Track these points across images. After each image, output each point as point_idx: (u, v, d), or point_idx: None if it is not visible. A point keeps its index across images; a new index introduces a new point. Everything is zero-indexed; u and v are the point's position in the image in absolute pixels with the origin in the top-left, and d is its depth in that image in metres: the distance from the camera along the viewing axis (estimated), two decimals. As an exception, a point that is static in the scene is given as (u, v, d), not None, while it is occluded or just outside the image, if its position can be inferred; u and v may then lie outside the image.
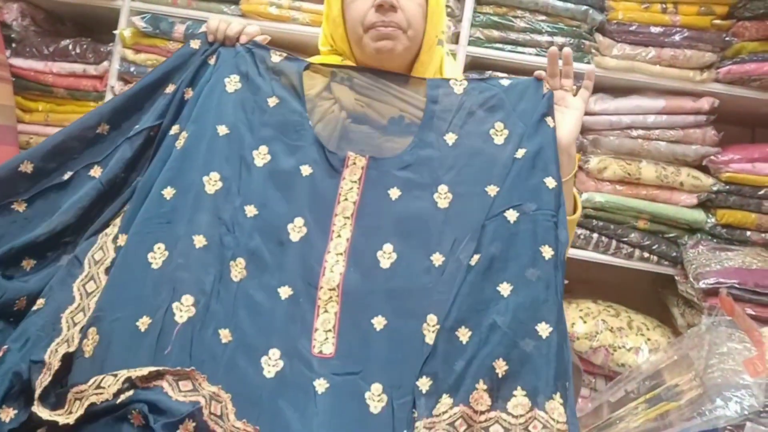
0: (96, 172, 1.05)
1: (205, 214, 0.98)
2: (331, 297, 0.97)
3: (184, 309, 0.90)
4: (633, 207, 1.90)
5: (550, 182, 1.00)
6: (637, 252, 1.94)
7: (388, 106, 1.12)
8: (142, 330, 0.87)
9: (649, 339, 1.78)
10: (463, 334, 0.91)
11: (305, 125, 1.09)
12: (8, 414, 0.83)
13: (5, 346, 0.88)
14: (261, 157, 1.06)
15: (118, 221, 1.02)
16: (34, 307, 0.93)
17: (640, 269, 1.96)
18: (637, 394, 1.44)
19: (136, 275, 0.92)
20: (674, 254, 1.91)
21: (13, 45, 2.13)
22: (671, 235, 1.93)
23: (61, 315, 0.91)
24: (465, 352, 0.89)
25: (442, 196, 1.04)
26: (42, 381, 0.83)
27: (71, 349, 0.86)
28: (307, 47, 1.90)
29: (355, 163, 1.07)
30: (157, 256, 0.93)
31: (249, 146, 1.06)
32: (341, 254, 1.00)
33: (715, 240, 1.90)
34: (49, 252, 0.99)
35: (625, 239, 1.93)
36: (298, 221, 1.02)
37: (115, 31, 2.06)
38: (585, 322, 1.82)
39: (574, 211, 1.14)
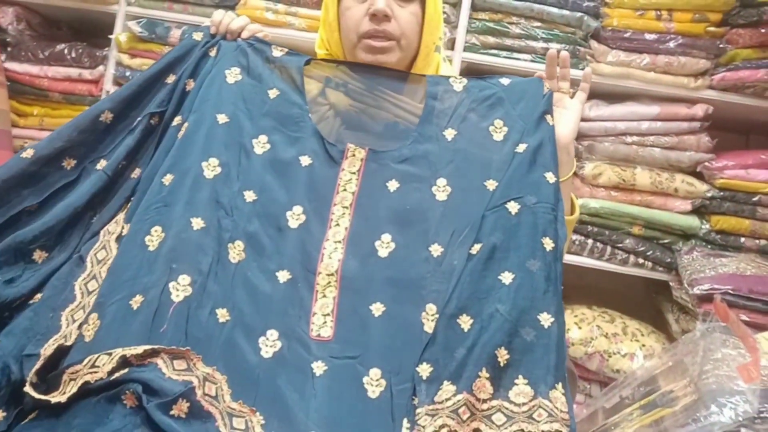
0: (101, 164, 1.05)
1: (204, 198, 0.99)
2: (329, 282, 0.97)
3: (180, 288, 0.90)
4: (628, 213, 1.91)
5: (550, 177, 1.01)
6: (632, 258, 1.94)
7: (383, 111, 1.12)
8: (135, 308, 0.87)
9: (643, 345, 1.78)
10: (465, 322, 0.91)
11: (305, 118, 1.09)
12: None
13: None
14: (260, 145, 1.06)
15: (120, 218, 1.02)
16: (30, 301, 0.93)
17: (635, 275, 1.96)
18: (632, 400, 1.44)
19: (134, 259, 0.92)
20: (669, 260, 1.91)
21: (9, 49, 2.13)
22: (666, 241, 1.93)
23: (62, 313, 0.91)
24: (466, 340, 0.89)
25: (441, 189, 1.04)
26: (35, 367, 0.82)
27: (68, 343, 0.86)
28: (303, 53, 1.90)
29: (354, 155, 1.07)
30: (154, 238, 0.94)
31: (249, 134, 1.07)
32: (339, 242, 1.00)
33: (709, 246, 1.91)
34: (58, 244, 0.99)
35: (620, 245, 1.93)
36: (297, 209, 1.02)
37: (110, 36, 2.06)
38: (580, 327, 1.82)
39: (572, 213, 1.14)
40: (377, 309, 0.95)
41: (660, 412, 1.30)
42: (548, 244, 0.95)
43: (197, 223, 0.96)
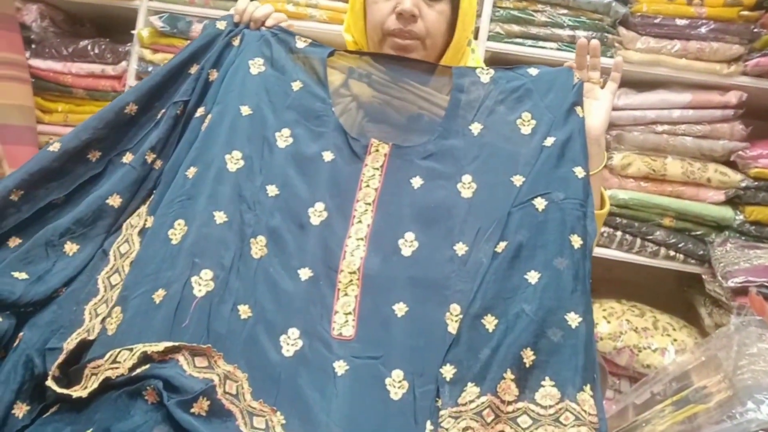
0: (128, 158, 1.05)
1: (227, 191, 0.98)
2: (351, 280, 0.95)
3: (203, 283, 0.89)
4: (658, 204, 1.87)
5: (579, 172, 0.98)
6: (663, 250, 1.90)
7: (407, 103, 1.11)
8: (157, 302, 0.87)
9: (675, 339, 1.74)
10: (489, 322, 0.89)
11: (328, 112, 1.08)
12: (21, 410, 0.83)
13: (21, 333, 0.88)
14: (283, 139, 1.05)
15: (143, 211, 1.02)
16: (55, 294, 0.93)
17: (666, 268, 1.92)
18: (664, 396, 1.41)
19: (157, 252, 0.92)
20: (701, 252, 1.87)
21: (33, 46, 2.15)
22: (698, 232, 1.88)
23: (85, 306, 0.91)
24: (491, 340, 0.87)
25: (466, 186, 1.02)
26: (57, 361, 0.83)
27: (91, 338, 0.86)
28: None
29: (377, 150, 1.06)
30: (177, 231, 0.93)
31: (271, 127, 1.06)
32: (362, 239, 0.99)
33: (743, 237, 1.86)
34: (88, 237, 0.98)
35: (650, 237, 1.89)
36: (319, 206, 1.01)
37: (133, 31, 2.07)
38: (609, 322, 1.79)
39: (602, 207, 1.11)
40: (400, 309, 0.93)
41: (693, 409, 1.28)
42: (576, 241, 0.92)
43: (220, 217, 0.95)
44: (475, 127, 1.06)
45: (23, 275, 0.91)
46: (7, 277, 0.90)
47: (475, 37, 1.93)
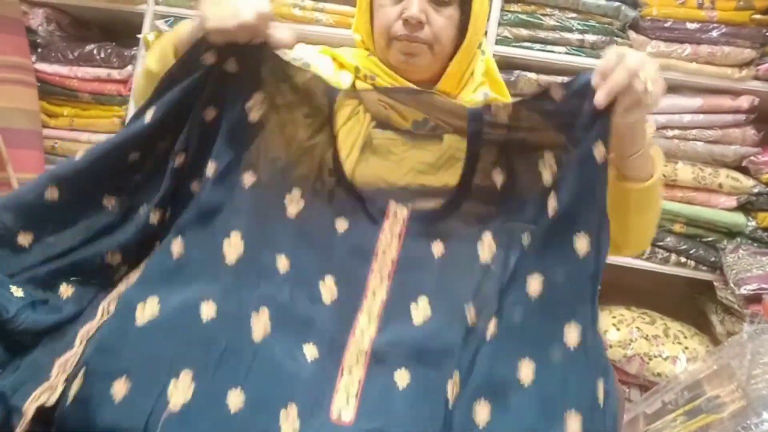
0: (143, 209, 0.98)
1: (223, 277, 0.90)
2: (357, 360, 0.90)
3: (180, 388, 0.81)
4: (669, 210, 1.84)
5: (582, 245, 0.87)
6: (674, 257, 1.88)
7: (411, 108, 1.07)
8: (117, 401, 0.78)
9: (686, 347, 1.72)
10: (482, 407, 0.84)
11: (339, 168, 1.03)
12: None
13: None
14: (294, 203, 0.99)
15: (143, 266, 0.95)
16: (43, 332, 0.88)
17: (677, 275, 1.90)
18: (675, 405, 1.40)
19: (126, 331, 0.84)
20: (713, 259, 1.85)
21: (39, 50, 2.16)
22: (709, 239, 1.86)
23: (57, 359, 0.85)
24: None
25: (485, 247, 0.96)
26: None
27: (50, 402, 0.79)
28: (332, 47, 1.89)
29: (396, 215, 1.00)
30: (147, 310, 0.85)
31: (280, 191, 0.98)
32: (375, 316, 0.94)
33: (755, 244, 1.84)
34: (84, 287, 0.94)
35: (661, 243, 1.87)
36: (329, 280, 0.95)
37: (139, 36, 2.07)
38: (618, 329, 1.77)
39: (651, 176, 1.00)
40: (402, 378, 0.88)
41: (706, 419, 1.27)
42: (571, 334, 0.85)
43: (208, 307, 0.87)
44: (497, 178, 0.99)
45: (20, 292, 0.88)
46: (6, 290, 0.87)
47: (483, 41, 1.92)
